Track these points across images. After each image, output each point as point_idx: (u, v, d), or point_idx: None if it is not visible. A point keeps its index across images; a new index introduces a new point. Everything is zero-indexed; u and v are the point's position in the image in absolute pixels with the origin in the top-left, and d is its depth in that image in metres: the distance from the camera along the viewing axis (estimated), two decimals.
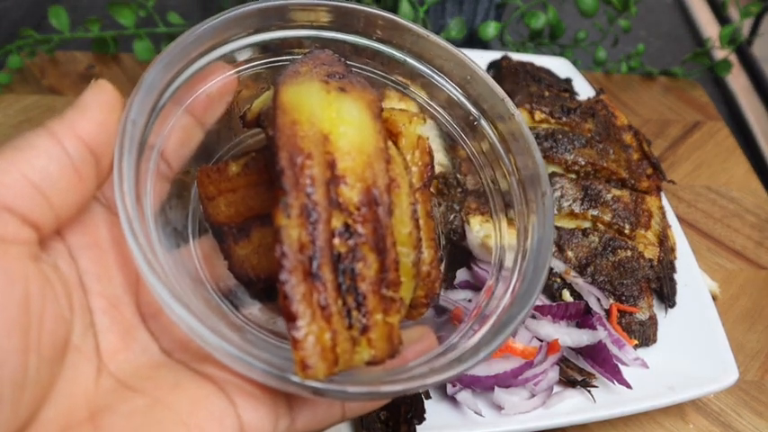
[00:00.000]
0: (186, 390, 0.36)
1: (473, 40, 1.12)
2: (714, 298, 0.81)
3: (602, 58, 1.15)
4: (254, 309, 0.45)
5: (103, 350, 0.37)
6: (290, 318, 0.34)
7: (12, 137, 0.36)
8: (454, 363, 0.39)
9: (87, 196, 0.37)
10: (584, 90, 0.99)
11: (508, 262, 0.46)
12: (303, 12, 0.46)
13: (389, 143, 0.42)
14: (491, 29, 1.06)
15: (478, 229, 0.71)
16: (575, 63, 1.08)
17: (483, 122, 0.49)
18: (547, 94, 0.90)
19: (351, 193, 0.37)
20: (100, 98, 0.38)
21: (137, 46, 1.01)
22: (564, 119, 0.86)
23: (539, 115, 0.86)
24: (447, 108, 0.50)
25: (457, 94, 0.49)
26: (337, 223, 0.36)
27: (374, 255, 0.37)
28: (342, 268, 0.36)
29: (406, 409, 0.63)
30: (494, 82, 0.48)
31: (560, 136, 0.83)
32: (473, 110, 0.49)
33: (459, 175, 0.74)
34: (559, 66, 1.02)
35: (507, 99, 0.47)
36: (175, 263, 0.40)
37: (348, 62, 0.46)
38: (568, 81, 0.99)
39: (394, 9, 0.99)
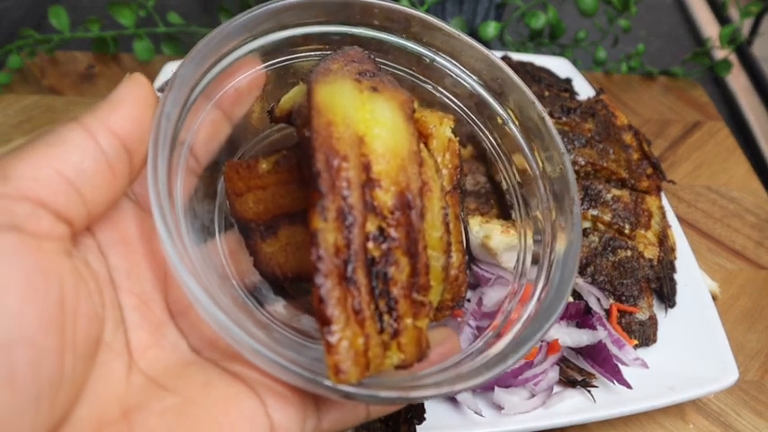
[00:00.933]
0: (217, 388, 0.36)
1: (473, 39, 1.12)
2: (714, 298, 0.81)
3: (602, 58, 1.15)
4: (279, 306, 0.44)
5: (134, 347, 0.37)
6: (325, 322, 0.34)
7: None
8: (482, 369, 0.39)
9: (120, 192, 0.37)
10: (584, 90, 0.99)
11: (531, 268, 0.46)
12: (329, 7, 0.46)
13: (422, 146, 0.42)
14: (491, 29, 1.06)
15: (478, 230, 0.71)
16: (575, 63, 1.08)
17: (511, 125, 0.48)
18: (547, 93, 0.90)
19: (385, 197, 0.37)
20: (134, 93, 0.37)
21: (137, 46, 1.01)
22: (564, 119, 0.86)
23: None
24: (474, 109, 0.49)
25: (485, 94, 0.49)
26: (372, 227, 0.36)
27: (406, 259, 0.37)
28: (375, 272, 0.36)
29: (407, 409, 0.63)
30: (523, 84, 0.47)
31: (560, 136, 0.83)
32: (501, 111, 0.49)
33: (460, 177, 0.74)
34: (559, 66, 1.02)
35: (536, 102, 0.47)
36: (203, 258, 0.40)
37: (377, 59, 0.46)
38: (568, 81, 0.99)
39: None
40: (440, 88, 0.49)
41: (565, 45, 1.13)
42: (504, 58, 0.98)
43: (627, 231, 0.80)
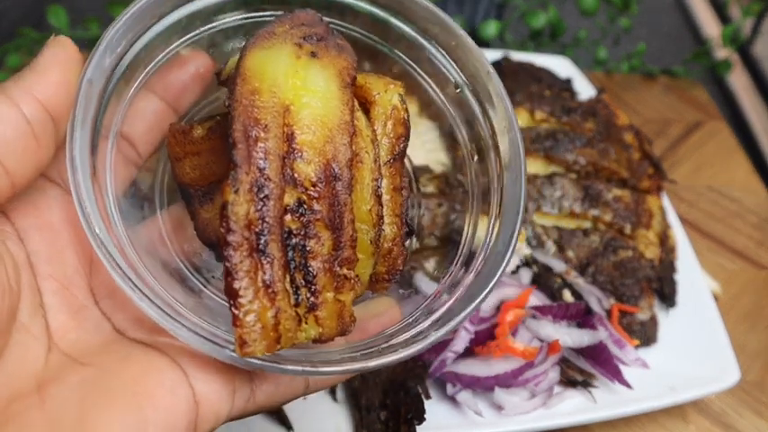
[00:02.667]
0: (137, 361, 0.35)
1: (474, 39, 1.12)
2: (715, 298, 0.81)
3: (602, 58, 1.15)
4: (219, 272, 0.44)
5: (53, 330, 0.36)
6: (232, 295, 0.33)
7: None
8: (400, 345, 0.38)
9: (45, 162, 0.36)
10: (584, 90, 0.99)
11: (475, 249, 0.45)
12: None
13: (359, 114, 0.41)
14: (492, 28, 1.06)
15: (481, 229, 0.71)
16: (575, 63, 1.08)
17: (467, 92, 0.47)
18: (547, 93, 0.90)
19: (307, 169, 0.36)
20: (58, 56, 0.36)
21: None
22: (564, 118, 0.86)
23: (539, 114, 0.86)
24: (432, 75, 0.48)
25: (442, 59, 0.47)
26: (290, 199, 0.35)
27: (329, 232, 0.36)
28: (292, 245, 0.35)
29: (407, 410, 0.62)
30: (479, 49, 0.45)
31: (561, 136, 0.83)
32: (457, 77, 0.47)
33: (460, 176, 0.74)
34: (560, 65, 1.02)
35: (486, 61, 0.45)
36: (137, 231, 0.39)
37: (333, 22, 0.45)
38: (569, 81, 0.99)
39: None
40: (396, 51, 0.47)
41: (565, 44, 1.13)
42: (505, 59, 0.98)
43: (628, 231, 0.80)
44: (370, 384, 0.65)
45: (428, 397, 0.66)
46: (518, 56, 1.00)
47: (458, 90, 0.47)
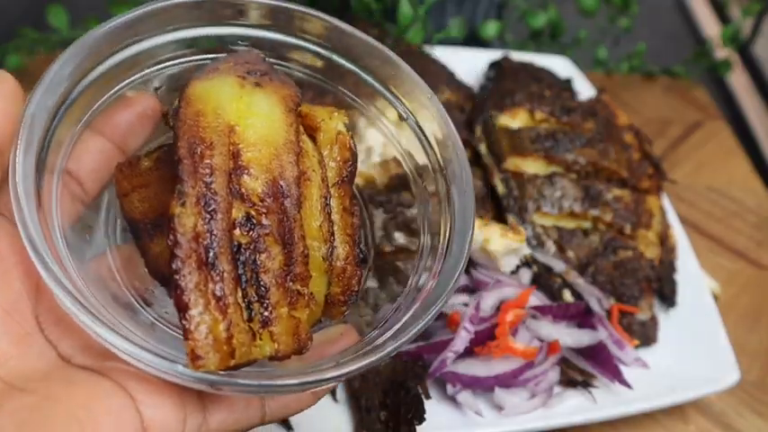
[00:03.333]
0: (81, 387, 0.34)
1: (473, 39, 1.12)
2: (715, 298, 0.81)
3: (602, 58, 1.15)
4: (172, 307, 0.44)
5: None
6: (182, 307, 0.33)
7: None
8: (357, 357, 0.38)
9: None
10: (584, 90, 0.99)
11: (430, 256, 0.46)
12: (229, 8, 0.45)
13: (305, 138, 0.41)
14: (491, 28, 1.06)
15: (477, 233, 0.71)
16: (575, 63, 1.08)
17: (411, 122, 0.47)
18: (547, 93, 0.90)
19: (254, 184, 0.36)
20: (3, 87, 0.36)
21: None
22: (564, 118, 0.86)
23: (539, 115, 0.86)
24: (376, 108, 0.49)
25: (384, 91, 0.48)
26: (238, 214, 0.35)
27: (279, 247, 0.36)
28: (242, 259, 0.35)
29: (407, 410, 0.62)
30: (416, 76, 0.46)
31: (561, 136, 0.83)
32: (400, 108, 0.48)
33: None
34: (560, 65, 1.02)
35: (425, 87, 0.46)
36: (86, 268, 0.39)
37: (278, 63, 0.46)
38: (569, 81, 0.99)
39: (393, 8, 0.99)
40: (340, 87, 0.48)
41: (565, 44, 1.13)
42: (505, 59, 0.98)
43: (628, 231, 0.80)
44: (370, 385, 0.65)
45: (428, 397, 0.66)
46: (518, 56, 1.00)
47: (403, 120, 0.48)
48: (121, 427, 0.33)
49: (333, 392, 0.67)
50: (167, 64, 0.45)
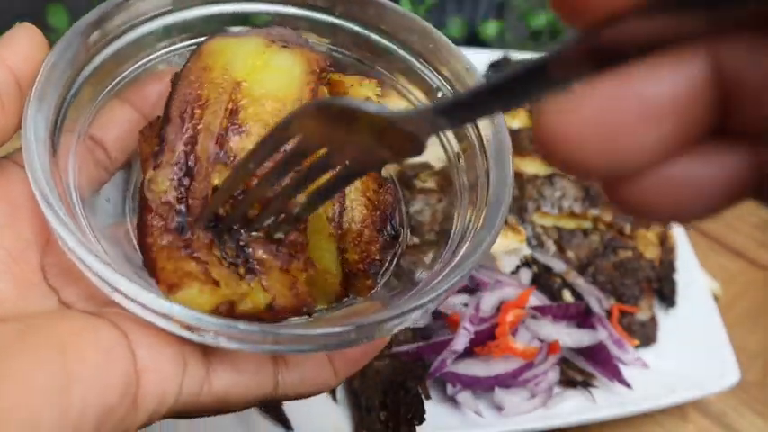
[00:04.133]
0: (72, 321, 0.32)
1: (473, 39, 1.12)
2: (715, 298, 0.81)
3: None
4: None
5: None
6: (153, 265, 0.32)
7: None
8: (415, 295, 0.35)
9: (10, 130, 0.35)
10: None
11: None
12: None
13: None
14: (491, 28, 1.06)
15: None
16: None
17: (447, 93, 0.45)
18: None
19: (245, 143, 0.35)
20: (29, 34, 0.36)
21: None
22: None
23: None
24: (412, 83, 0.46)
25: (421, 67, 0.45)
26: (218, 179, 0.34)
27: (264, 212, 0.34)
28: (220, 227, 0.34)
29: (407, 410, 0.62)
30: (456, 48, 0.43)
31: None
32: (437, 81, 0.44)
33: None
34: None
35: (464, 58, 0.43)
36: (102, 229, 0.38)
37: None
38: None
39: None
40: (377, 66, 0.46)
41: None
42: (505, 60, 0.98)
43: (628, 231, 0.80)
44: (370, 384, 0.65)
45: (428, 397, 0.66)
46: (518, 56, 1.00)
47: (439, 94, 0.45)
48: (110, 360, 0.31)
49: (333, 392, 0.67)
50: (200, 39, 0.42)
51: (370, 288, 0.39)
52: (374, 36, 0.45)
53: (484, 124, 0.42)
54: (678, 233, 0.83)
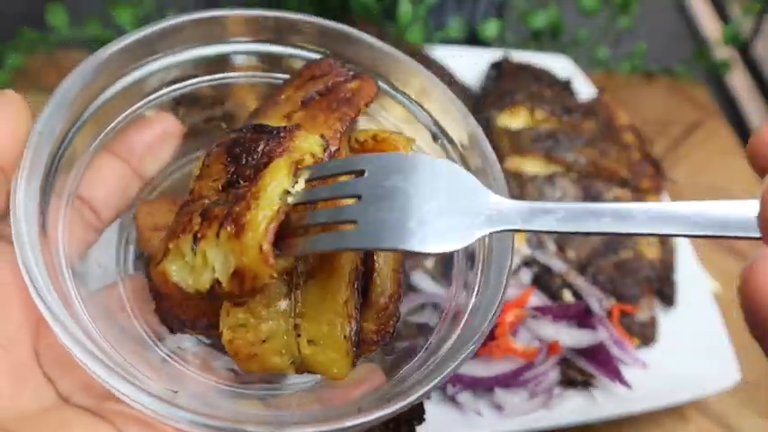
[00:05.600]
0: (74, 428, 0.32)
1: (473, 39, 1.12)
2: (716, 298, 0.81)
3: (602, 58, 1.15)
4: (187, 342, 0.42)
5: None
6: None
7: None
8: (395, 397, 0.35)
9: None
10: (584, 90, 0.99)
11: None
12: (243, 24, 0.42)
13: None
14: (491, 28, 1.06)
15: None
16: (575, 62, 1.08)
17: (445, 142, 0.43)
18: (547, 93, 0.90)
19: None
20: (7, 109, 0.35)
21: None
22: (564, 118, 0.86)
23: (539, 114, 0.86)
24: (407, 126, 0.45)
25: (416, 110, 0.44)
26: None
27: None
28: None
29: (407, 410, 0.62)
30: (452, 95, 0.42)
31: (561, 135, 0.83)
32: (433, 128, 0.44)
33: None
34: (560, 65, 1.02)
35: (465, 112, 0.42)
36: (94, 299, 0.37)
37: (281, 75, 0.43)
38: (569, 81, 0.99)
39: (393, 8, 0.99)
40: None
41: (565, 44, 1.13)
42: (505, 60, 0.98)
43: None
44: None
45: (428, 397, 0.66)
46: (518, 56, 1.00)
47: (437, 141, 0.44)
48: None
49: None
50: (187, 83, 0.42)
51: (371, 351, 0.39)
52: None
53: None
54: None
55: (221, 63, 0.43)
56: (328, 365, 0.36)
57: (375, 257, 0.39)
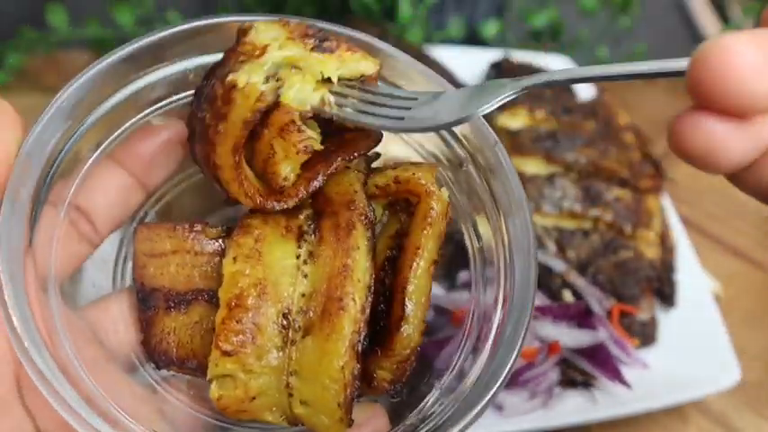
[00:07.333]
0: None
1: (473, 39, 1.12)
2: (716, 298, 0.81)
3: (603, 58, 1.15)
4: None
5: None
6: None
7: None
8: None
9: None
10: (585, 89, 0.99)
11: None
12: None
13: (358, 255, 0.35)
14: (491, 28, 1.06)
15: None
16: (575, 62, 1.08)
17: (471, 168, 0.41)
18: (547, 93, 0.90)
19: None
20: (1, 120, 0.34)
21: None
22: (565, 118, 0.86)
23: (539, 114, 0.86)
24: (435, 148, 0.43)
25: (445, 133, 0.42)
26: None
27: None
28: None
29: None
30: (483, 122, 0.40)
31: (561, 135, 0.83)
32: (460, 152, 0.41)
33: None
34: (560, 65, 1.02)
35: (493, 137, 0.40)
36: (85, 317, 0.36)
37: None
38: None
39: (393, 8, 0.99)
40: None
41: (565, 44, 1.13)
42: (505, 60, 0.98)
43: (628, 231, 0.80)
44: None
45: None
46: (518, 56, 1.00)
47: (463, 167, 0.41)
48: None
49: None
50: (184, 94, 0.40)
51: (378, 393, 0.38)
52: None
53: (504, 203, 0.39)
54: (679, 233, 0.83)
55: None
56: (321, 428, 0.35)
57: (407, 300, 0.36)
